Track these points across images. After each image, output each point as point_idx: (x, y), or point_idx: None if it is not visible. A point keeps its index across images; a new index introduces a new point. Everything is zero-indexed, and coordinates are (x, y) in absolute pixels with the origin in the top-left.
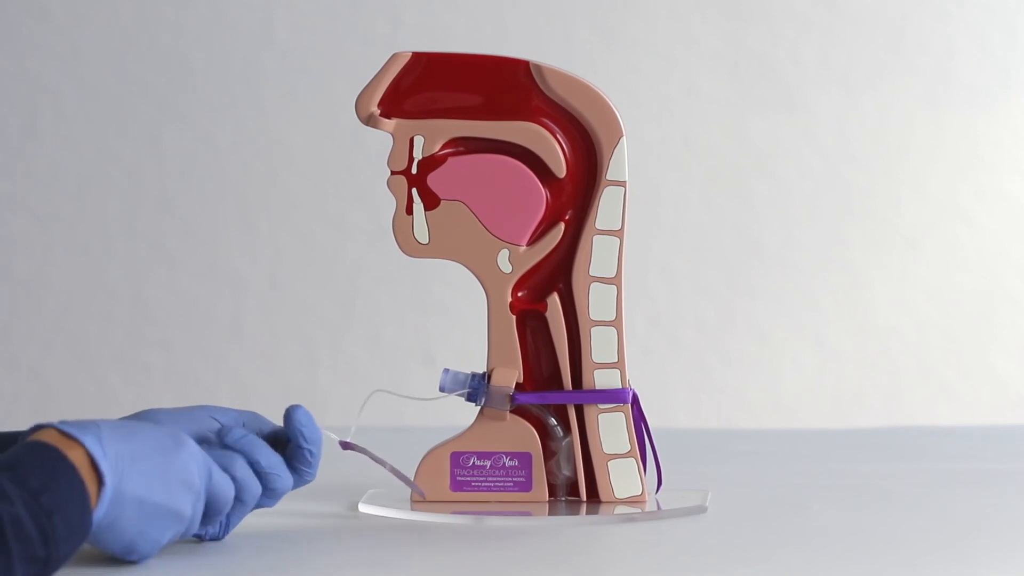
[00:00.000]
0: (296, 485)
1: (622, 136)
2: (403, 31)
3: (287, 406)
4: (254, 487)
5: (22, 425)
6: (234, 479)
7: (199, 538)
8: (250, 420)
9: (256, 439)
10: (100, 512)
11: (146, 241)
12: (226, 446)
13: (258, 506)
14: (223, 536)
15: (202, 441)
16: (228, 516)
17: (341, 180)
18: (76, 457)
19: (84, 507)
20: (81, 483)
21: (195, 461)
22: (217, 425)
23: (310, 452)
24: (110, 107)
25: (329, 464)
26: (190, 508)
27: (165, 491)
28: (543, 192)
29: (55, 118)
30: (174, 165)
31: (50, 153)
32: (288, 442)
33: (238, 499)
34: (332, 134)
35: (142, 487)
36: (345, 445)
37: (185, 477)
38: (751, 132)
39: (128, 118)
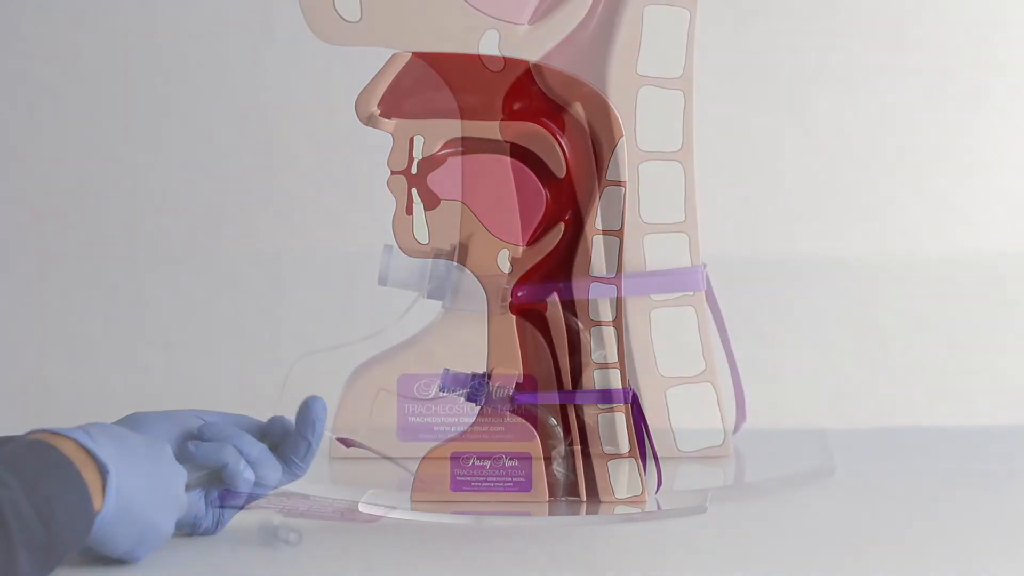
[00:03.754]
0: (284, 481)
1: (622, 136)
2: None
3: (306, 396)
4: (247, 474)
5: (22, 426)
6: (226, 467)
7: (191, 533)
8: (237, 419)
9: (238, 430)
10: (111, 500)
11: (146, 241)
12: (209, 439)
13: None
14: (217, 530)
15: (188, 438)
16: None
17: (341, 180)
18: (68, 449)
19: (82, 495)
20: (76, 473)
21: (181, 480)
22: (201, 422)
23: (308, 446)
24: (110, 107)
25: (329, 464)
26: (174, 521)
27: (161, 486)
28: (543, 192)
29: (55, 118)
30: (174, 165)
31: (50, 153)
32: (284, 436)
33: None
34: (332, 134)
35: (142, 478)
36: (345, 442)
37: (175, 487)
38: (751, 132)
39: (128, 118)
